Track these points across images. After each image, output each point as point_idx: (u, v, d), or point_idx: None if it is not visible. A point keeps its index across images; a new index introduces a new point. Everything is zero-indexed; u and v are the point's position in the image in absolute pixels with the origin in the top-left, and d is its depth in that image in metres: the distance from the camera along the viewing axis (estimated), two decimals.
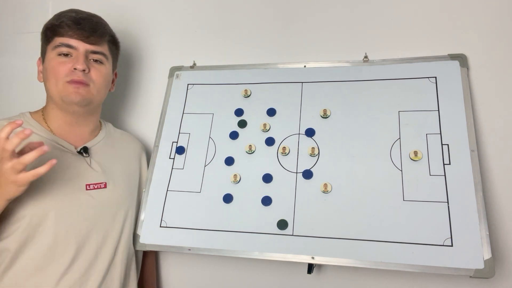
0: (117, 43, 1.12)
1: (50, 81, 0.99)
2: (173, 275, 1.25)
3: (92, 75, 1.01)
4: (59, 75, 0.98)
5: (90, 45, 1.01)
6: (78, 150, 1.02)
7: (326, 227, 0.98)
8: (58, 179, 0.94)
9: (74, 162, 0.99)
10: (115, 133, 1.17)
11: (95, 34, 1.01)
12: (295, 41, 1.24)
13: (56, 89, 0.99)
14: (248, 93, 1.18)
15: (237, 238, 1.03)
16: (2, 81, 1.50)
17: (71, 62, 0.98)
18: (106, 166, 1.05)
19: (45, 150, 0.79)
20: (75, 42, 0.99)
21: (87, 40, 1.00)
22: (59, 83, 0.98)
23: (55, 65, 0.99)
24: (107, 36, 1.06)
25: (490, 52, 1.07)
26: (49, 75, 0.99)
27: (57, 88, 0.98)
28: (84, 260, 0.95)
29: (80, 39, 0.99)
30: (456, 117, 1.00)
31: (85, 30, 0.99)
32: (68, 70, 0.98)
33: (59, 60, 0.99)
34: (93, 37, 1.01)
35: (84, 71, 0.99)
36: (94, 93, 1.02)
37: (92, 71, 1.01)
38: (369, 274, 1.09)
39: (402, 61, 1.10)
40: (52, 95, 1.00)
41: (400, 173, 0.99)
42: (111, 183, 1.04)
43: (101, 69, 1.04)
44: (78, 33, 0.99)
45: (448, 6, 1.12)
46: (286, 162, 1.08)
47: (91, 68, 1.01)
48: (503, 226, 1.01)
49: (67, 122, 1.03)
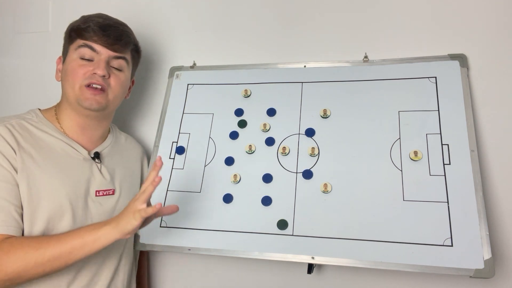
0: (139, 51, 1.12)
1: (68, 82, 0.98)
2: (173, 275, 1.25)
3: (111, 81, 1.00)
4: (78, 77, 0.97)
5: (113, 52, 1.00)
6: (92, 156, 1.01)
7: (326, 227, 0.98)
8: (72, 184, 0.94)
9: (87, 168, 0.99)
10: (121, 136, 1.16)
11: (120, 42, 1.00)
12: (295, 41, 1.24)
13: (72, 91, 0.97)
14: (248, 93, 1.18)
15: (237, 238, 1.03)
16: (2, 81, 1.50)
17: (92, 66, 0.97)
18: (114, 172, 1.05)
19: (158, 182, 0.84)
20: (98, 47, 0.98)
21: (111, 48, 0.99)
22: (76, 85, 0.97)
23: (75, 66, 0.97)
24: (131, 45, 1.05)
25: (490, 52, 1.07)
26: (68, 76, 0.98)
27: (73, 90, 0.97)
28: (90, 267, 0.95)
29: (104, 45, 0.98)
30: (456, 117, 1.00)
31: (109, 38, 0.98)
32: (88, 73, 0.97)
33: (80, 62, 0.98)
34: (117, 45, 1.00)
35: (104, 76, 0.98)
36: (111, 99, 1.01)
37: (112, 78, 1.00)
38: (369, 274, 1.09)
39: (402, 61, 1.10)
40: (68, 96, 0.99)
41: (400, 173, 0.99)
42: (118, 190, 1.04)
43: (121, 76, 1.02)
44: (103, 40, 0.98)
45: (448, 6, 1.12)
46: (286, 162, 1.08)
47: (111, 74, 1.00)
48: (503, 226, 1.01)
49: (80, 124, 1.01)
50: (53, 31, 1.44)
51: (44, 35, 1.46)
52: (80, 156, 0.98)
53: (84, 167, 0.98)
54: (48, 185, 0.90)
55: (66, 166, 0.95)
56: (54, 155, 0.94)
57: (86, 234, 0.82)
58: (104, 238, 0.82)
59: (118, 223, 0.82)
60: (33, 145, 0.92)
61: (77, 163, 0.97)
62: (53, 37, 1.42)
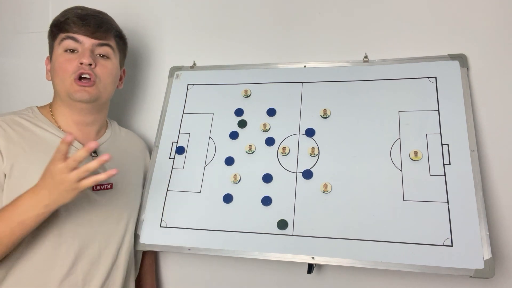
0: (124, 38, 1.11)
1: (57, 78, 0.99)
2: (173, 275, 1.25)
3: (98, 70, 1.00)
4: (66, 72, 0.97)
5: (96, 39, 1.00)
6: None
7: (326, 227, 0.98)
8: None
9: (83, 162, 0.98)
10: (120, 132, 1.16)
11: (101, 29, 1.00)
12: (295, 41, 1.24)
13: (63, 86, 0.98)
14: (248, 93, 1.18)
15: (237, 238, 1.03)
16: (2, 81, 1.50)
17: (78, 57, 0.98)
18: (112, 167, 1.04)
19: (105, 160, 0.80)
20: (81, 37, 0.98)
21: (93, 36, 0.99)
22: (66, 80, 0.97)
23: (62, 61, 0.98)
24: (113, 31, 1.05)
25: (490, 52, 1.07)
26: (57, 72, 0.99)
27: (64, 85, 0.97)
28: (87, 261, 0.94)
29: (85, 34, 0.98)
30: (456, 117, 1.00)
31: (90, 26, 0.99)
32: (75, 67, 0.97)
33: (65, 57, 0.98)
34: (99, 32, 1.00)
35: (91, 65, 0.98)
36: (101, 89, 1.01)
37: (98, 66, 1.00)
38: (369, 274, 1.09)
39: (402, 61, 1.10)
40: (59, 92, 0.99)
41: (400, 173, 0.99)
42: (115, 184, 1.03)
43: (108, 64, 1.02)
44: (84, 29, 0.98)
45: (448, 6, 1.12)
46: (286, 162, 1.08)
47: (97, 63, 1.00)
48: (503, 226, 1.01)
49: (74, 120, 1.02)
50: None
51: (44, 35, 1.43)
52: (75, 150, 0.98)
53: (80, 162, 0.98)
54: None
55: None
56: (48, 149, 0.93)
57: (11, 217, 0.80)
58: (34, 217, 0.81)
59: (49, 196, 0.80)
60: (25, 139, 0.92)
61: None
62: None
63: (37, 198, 0.80)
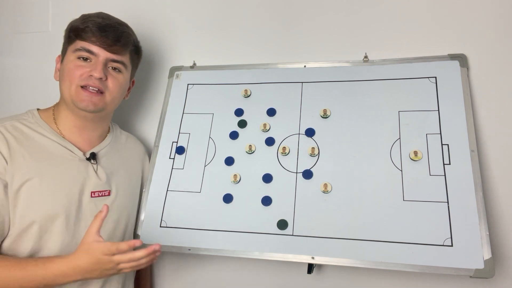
0: (139, 52, 1.11)
1: (64, 82, 0.98)
2: (172, 275, 1.25)
3: (109, 83, 0.99)
4: (74, 78, 0.96)
5: (111, 54, 0.99)
6: (87, 157, 1.00)
7: (326, 227, 0.98)
8: (66, 186, 0.94)
9: (82, 169, 0.98)
10: (121, 136, 1.16)
11: (118, 43, 0.99)
12: (295, 41, 1.24)
13: (68, 92, 0.97)
14: (248, 93, 1.18)
15: (237, 238, 1.03)
16: (2, 81, 1.50)
17: (89, 67, 0.96)
18: (111, 173, 1.04)
19: (156, 250, 0.81)
20: (96, 49, 0.97)
21: (109, 49, 0.98)
22: (73, 86, 0.96)
23: (72, 67, 0.97)
24: (130, 46, 1.04)
25: (490, 52, 1.07)
26: (65, 77, 0.97)
27: (70, 91, 0.96)
28: None
29: (102, 46, 0.97)
30: (456, 117, 1.00)
31: (108, 39, 0.97)
32: (85, 75, 0.96)
33: (77, 63, 0.97)
34: (116, 46, 0.99)
35: (101, 79, 0.97)
36: (108, 101, 1.00)
37: (109, 79, 0.99)
38: (369, 274, 1.09)
39: (402, 61, 1.10)
40: (65, 97, 0.98)
41: (400, 173, 0.99)
42: (114, 191, 1.03)
43: (119, 78, 1.01)
44: (101, 41, 0.97)
45: (448, 6, 1.12)
46: (286, 162, 1.08)
47: (108, 76, 0.99)
48: (503, 226, 1.01)
49: (77, 125, 1.01)
50: (53, 31, 1.44)
51: (44, 35, 1.46)
52: (75, 157, 0.98)
53: (79, 168, 0.97)
54: (40, 187, 0.90)
55: (60, 167, 0.94)
56: (47, 156, 0.94)
57: (36, 278, 0.81)
58: (59, 283, 0.83)
59: (90, 273, 0.81)
60: (25, 147, 0.92)
61: (71, 165, 0.96)
62: (53, 37, 1.42)
63: (74, 270, 0.81)
